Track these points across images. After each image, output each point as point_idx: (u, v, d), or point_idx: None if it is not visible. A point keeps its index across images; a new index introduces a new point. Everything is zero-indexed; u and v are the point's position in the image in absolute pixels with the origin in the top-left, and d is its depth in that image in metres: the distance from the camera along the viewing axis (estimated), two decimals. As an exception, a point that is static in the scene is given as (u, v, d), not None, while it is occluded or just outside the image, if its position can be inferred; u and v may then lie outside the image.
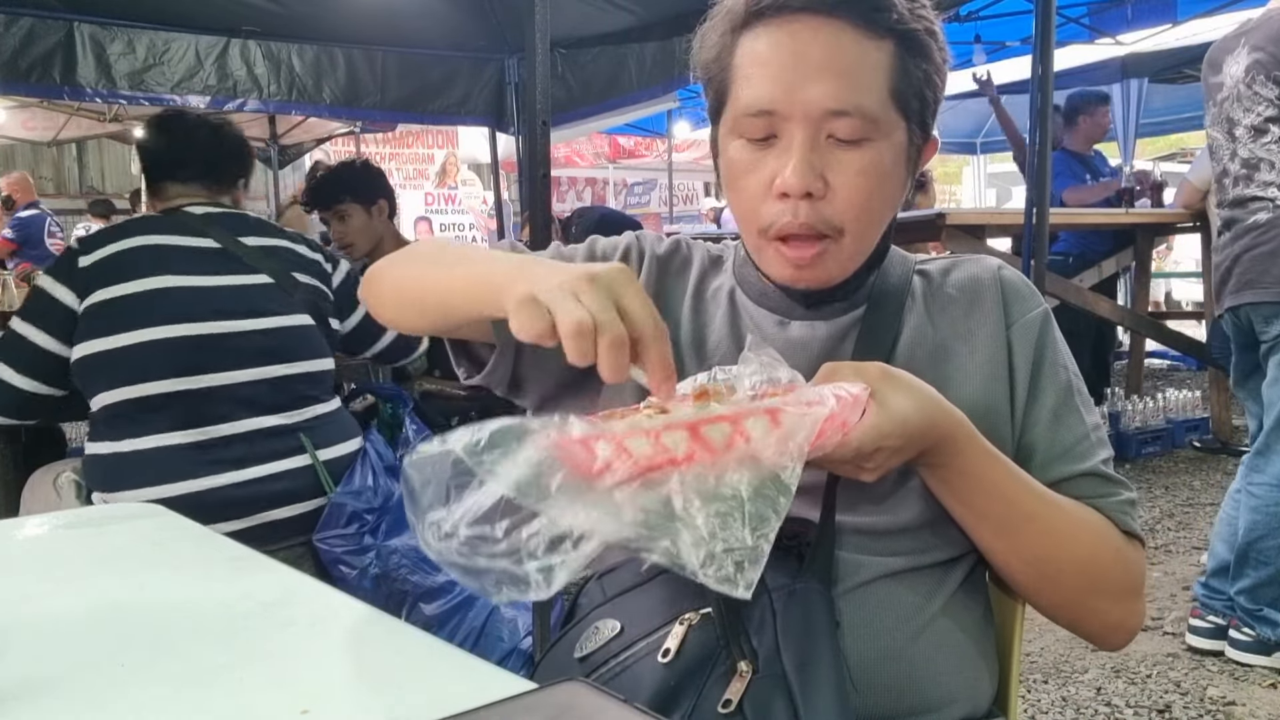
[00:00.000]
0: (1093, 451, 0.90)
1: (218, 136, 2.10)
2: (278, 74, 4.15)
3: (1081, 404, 0.92)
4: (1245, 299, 2.37)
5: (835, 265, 0.88)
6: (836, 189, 0.84)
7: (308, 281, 2.03)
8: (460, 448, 0.59)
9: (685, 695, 0.73)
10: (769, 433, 0.61)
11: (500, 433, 0.59)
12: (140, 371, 1.81)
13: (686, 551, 0.58)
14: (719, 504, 0.58)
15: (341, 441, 1.98)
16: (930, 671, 0.85)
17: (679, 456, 0.59)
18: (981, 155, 11.79)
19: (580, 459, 0.60)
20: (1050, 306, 0.98)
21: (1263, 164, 2.35)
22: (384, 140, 10.88)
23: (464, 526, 0.59)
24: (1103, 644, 0.94)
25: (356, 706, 0.62)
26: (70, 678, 0.66)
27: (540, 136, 1.93)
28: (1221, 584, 2.48)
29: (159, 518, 1.11)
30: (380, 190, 2.94)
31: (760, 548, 0.58)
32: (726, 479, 0.59)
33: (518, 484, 0.58)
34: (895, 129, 0.86)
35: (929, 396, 0.79)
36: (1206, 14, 5.89)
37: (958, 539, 0.89)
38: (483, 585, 0.59)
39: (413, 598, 1.94)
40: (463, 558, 0.59)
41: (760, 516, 0.59)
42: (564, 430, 0.60)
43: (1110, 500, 0.89)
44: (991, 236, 4.61)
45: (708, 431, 0.60)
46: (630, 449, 0.59)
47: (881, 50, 0.84)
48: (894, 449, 0.76)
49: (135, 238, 1.90)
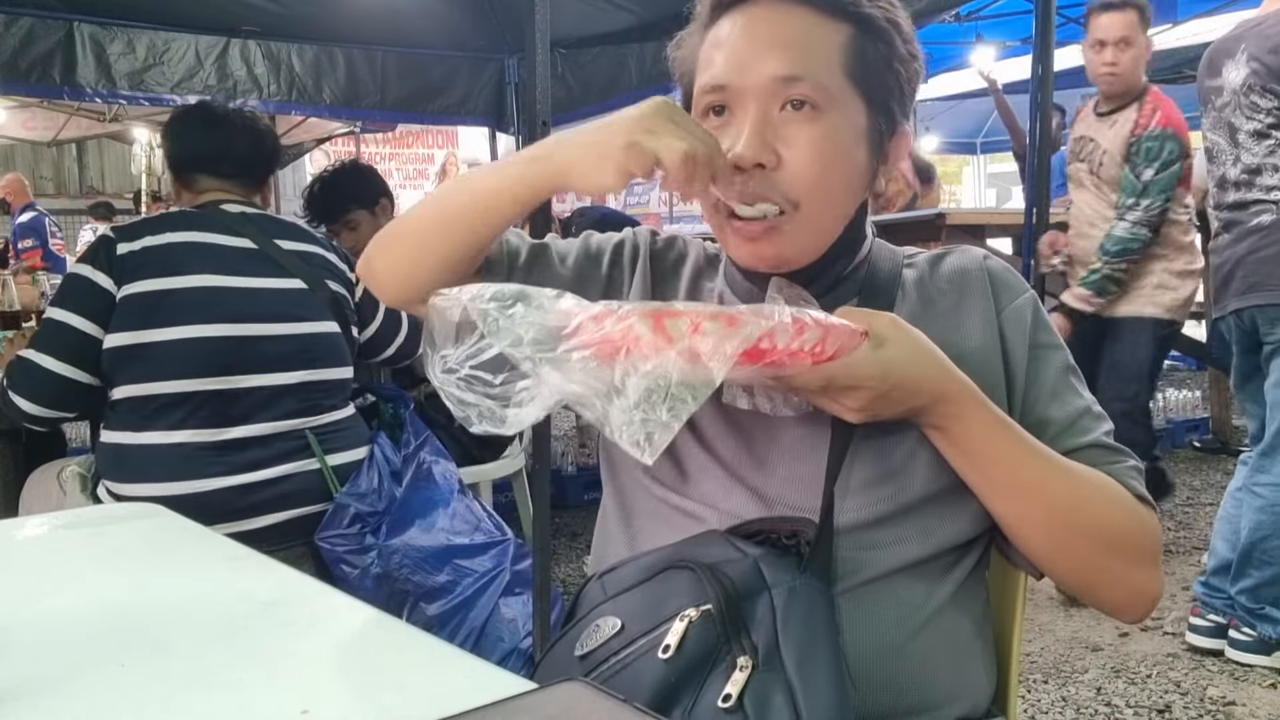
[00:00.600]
0: (1094, 424, 0.92)
1: (258, 134, 2.11)
2: (278, 74, 4.15)
3: (1076, 380, 0.94)
4: (1251, 301, 2.36)
5: (789, 243, 0.88)
6: (788, 160, 0.85)
7: (336, 289, 2.04)
8: (467, 298, 0.71)
9: (685, 691, 0.73)
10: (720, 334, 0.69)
11: (502, 292, 0.71)
12: (168, 368, 1.82)
13: (613, 415, 0.67)
14: (649, 382, 0.67)
15: (353, 448, 2.00)
16: (929, 670, 0.86)
17: (634, 338, 0.68)
18: (981, 155, 11.79)
19: (557, 321, 0.70)
20: (1050, 306, 0.98)
21: (1265, 169, 2.35)
22: (384, 140, 10.87)
23: (466, 366, 0.71)
24: (1123, 614, 0.93)
25: (356, 706, 0.62)
26: (70, 678, 0.66)
27: (540, 136, 1.93)
28: (1222, 583, 2.48)
29: (159, 518, 1.11)
30: (379, 189, 2.94)
31: (670, 424, 0.66)
32: (663, 364, 0.67)
33: (501, 334, 0.69)
34: (850, 106, 0.87)
35: (929, 353, 0.81)
36: (1206, 14, 5.90)
37: (961, 522, 0.89)
38: (466, 414, 0.71)
39: (414, 598, 1.94)
40: (458, 390, 0.71)
41: (679, 399, 0.67)
42: (555, 299, 0.71)
43: (1118, 467, 0.90)
44: (991, 236, 4.60)
45: (669, 323, 0.69)
46: (603, 323, 0.69)
47: (837, 31, 0.87)
48: (876, 393, 0.78)
49: (177, 232, 1.90)
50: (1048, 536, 0.88)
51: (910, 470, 0.87)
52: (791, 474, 0.89)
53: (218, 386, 1.83)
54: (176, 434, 1.81)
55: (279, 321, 1.91)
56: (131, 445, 1.82)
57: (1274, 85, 2.30)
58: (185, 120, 2.14)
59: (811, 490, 0.87)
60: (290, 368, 1.90)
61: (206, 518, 1.10)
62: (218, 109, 2.28)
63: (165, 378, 1.81)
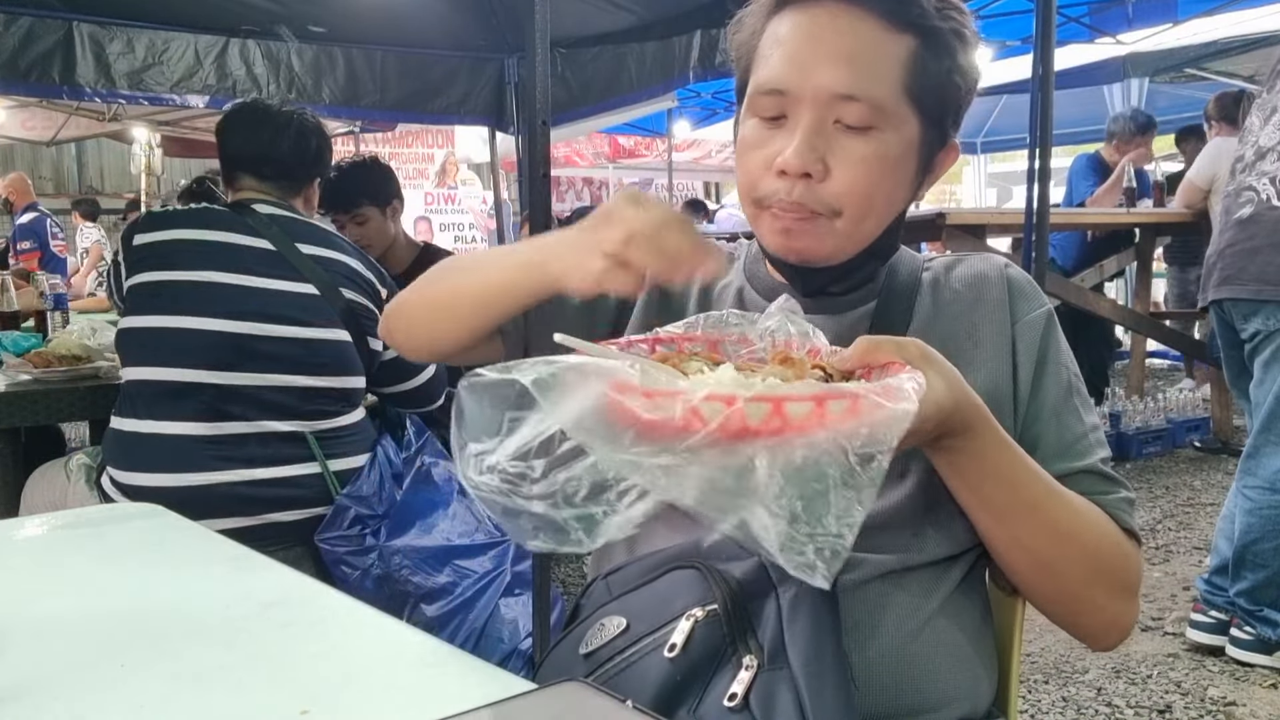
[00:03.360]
0: (1092, 450, 0.91)
1: (303, 136, 2.11)
2: (277, 73, 4.15)
3: (1081, 404, 0.93)
4: (1224, 294, 2.35)
5: (825, 241, 0.87)
6: (836, 174, 0.84)
7: (353, 297, 2.02)
8: (529, 380, 0.55)
9: (691, 691, 0.73)
10: (851, 419, 0.56)
11: (571, 369, 0.55)
12: (170, 355, 1.85)
13: (764, 529, 0.54)
14: (803, 485, 0.53)
15: (357, 453, 1.99)
16: (929, 671, 0.85)
17: (761, 428, 0.55)
18: (982, 155, 11.79)
19: (650, 412, 0.55)
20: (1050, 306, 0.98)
21: (1270, 153, 2.28)
22: (384, 140, 10.87)
23: (507, 462, 0.56)
24: (1096, 643, 0.93)
25: (356, 706, 0.62)
26: (70, 678, 0.66)
27: (540, 136, 1.93)
28: (1224, 580, 2.48)
29: (159, 518, 1.10)
30: (393, 191, 2.96)
31: (844, 537, 0.54)
32: (814, 459, 0.54)
33: (583, 428, 0.54)
34: (906, 123, 0.86)
35: (958, 380, 0.78)
36: (1207, 14, 5.90)
37: (955, 535, 0.89)
38: (518, 528, 0.56)
39: (414, 599, 1.94)
40: (501, 496, 0.57)
41: (845, 505, 0.54)
42: (635, 377, 0.56)
43: (1110, 498, 0.89)
44: (991, 236, 4.61)
45: (791, 409, 0.55)
46: (705, 414, 0.54)
47: (900, 44, 0.84)
48: (921, 432, 0.74)
49: (187, 229, 1.95)
50: (1034, 560, 0.87)
51: (910, 473, 0.87)
52: None
53: (215, 380, 1.85)
54: (177, 424, 1.83)
55: (281, 324, 1.91)
56: (135, 434, 1.85)
57: None
58: (233, 119, 2.17)
59: None
60: (292, 371, 1.90)
61: (206, 511, 1.11)
62: (264, 108, 2.27)
63: (165, 364, 1.85)
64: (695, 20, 3.76)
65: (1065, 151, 8.24)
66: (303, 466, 1.89)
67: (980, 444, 0.81)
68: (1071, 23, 6.10)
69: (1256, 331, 2.30)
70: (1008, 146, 11.18)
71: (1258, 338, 2.31)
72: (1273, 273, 2.22)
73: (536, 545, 0.57)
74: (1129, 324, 5.08)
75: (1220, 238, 2.39)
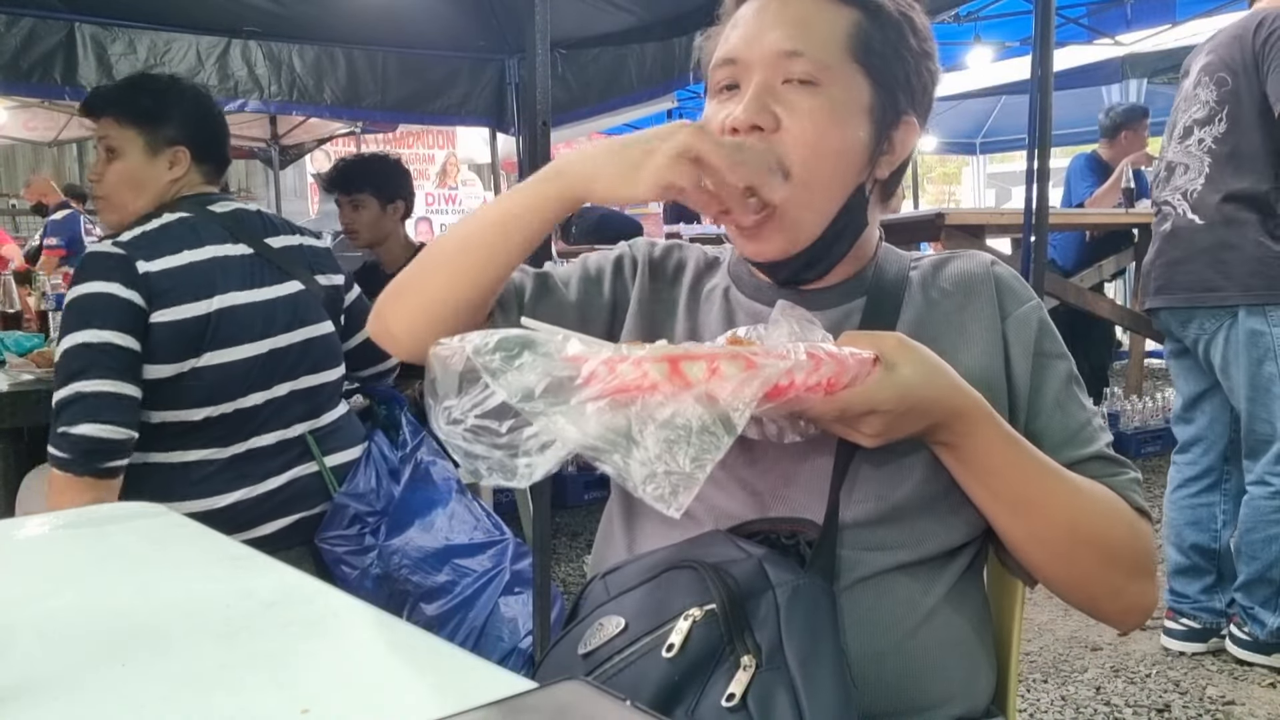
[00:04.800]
0: (1096, 436, 0.92)
1: (210, 107, 1.93)
2: (278, 74, 4.16)
3: (1079, 392, 0.94)
4: (1159, 303, 2.47)
5: (785, 229, 0.88)
6: (787, 126, 0.87)
7: (328, 282, 1.97)
8: (470, 347, 0.67)
9: (689, 690, 0.73)
10: (738, 376, 0.66)
11: (506, 339, 0.67)
12: (202, 394, 1.74)
13: (634, 468, 0.64)
14: (669, 431, 0.64)
15: (349, 447, 1.98)
16: (927, 669, 0.86)
17: (650, 384, 0.65)
18: (981, 155, 11.80)
19: (565, 371, 0.66)
20: (1049, 307, 0.98)
21: (1178, 167, 2.40)
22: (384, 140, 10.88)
23: (471, 416, 0.68)
24: (1119, 624, 0.95)
25: (356, 706, 0.62)
26: (70, 678, 0.66)
27: (540, 136, 1.93)
28: (1183, 586, 2.52)
29: (159, 518, 1.11)
30: (401, 191, 2.96)
31: (695, 475, 0.64)
32: (681, 411, 0.64)
33: (509, 386, 0.66)
34: (853, 83, 0.88)
35: (941, 371, 0.80)
36: (1206, 14, 5.90)
37: (952, 532, 0.89)
38: (475, 468, 0.68)
39: (414, 598, 1.94)
40: (465, 442, 0.68)
41: (702, 448, 0.64)
42: (561, 345, 0.67)
43: (1119, 479, 0.91)
44: (991, 236, 4.61)
45: (686, 367, 0.66)
46: (616, 370, 0.65)
47: (844, 14, 0.89)
48: (894, 415, 0.77)
49: (192, 250, 1.73)
50: (1050, 550, 0.88)
51: (907, 473, 0.87)
52: (788, 475, 0.89)
53: (239, 405, 1.77)
54: (193, 453, 1.76)
55: (288, 331, 1.84)
56: (148, 465, 1.74)
57: (1222, 73, 2.31)
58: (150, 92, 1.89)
59: (808, 491, 0.87)
60: (297, 375, 1.86)
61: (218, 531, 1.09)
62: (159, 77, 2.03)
63: (199, 404, 1.73)
64: (695, 20, 3.76)
65: (1064, 152, 8.23)
66: (302, 468, 1.88)
67: (980, 437, 0.82)
68: (1070, 23, 6.11)
69: (1196, 337, 2.42)
70: (1007, 147, 11.19)
71: (1199, 342, 2.41)
72: (1197, 282, 2.36)
73: (488, 481, 0.68)
74: (1128, 324, 5.08)
75: (1151, 249, 2.52)
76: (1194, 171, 2.36)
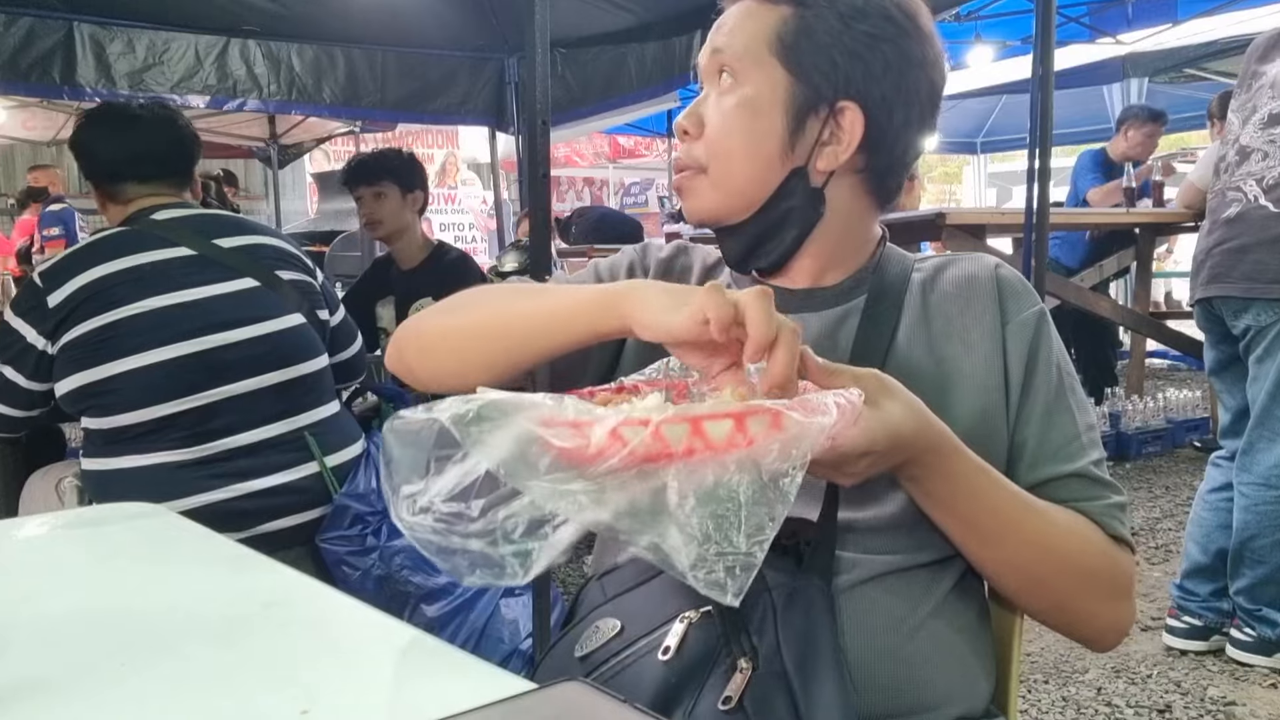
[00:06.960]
0: (1082, 452, 0.90)
1: (175, 128, 1.97)
2: (277, 73, 4.15)
3: (1075, 404, 0.91)
4: (1213, 292, 2.39)
5: (703, 197, 0.93)
6: (707, 128, 0.92)
7: (293, 278, 1.95)
8: (447, 418, 0.56)
9: (686, 693, 0.73)
10: (770, 435, 0.58)
11: (491, 406, 0.57)
12: (132, 398, 1.75)
13: (675, 549, 0.55)
14: (715, 505, 0.55)
15: (347, 445, 1.97)
16: (926, 670, 0.85)
17: (677, 450, 0.56)
18: (982, 155, 11.79)
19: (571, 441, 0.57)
20: (1050, 307, 0.98)
21: (1255, 153, 2.33)
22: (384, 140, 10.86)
23: (440, 502, 0.57)
24: (1094, 646, 0.94)
25: (356, 706, 0.62)
26: (70, 678, 0.66)
27: (540, 136, 1.93)
28: (1195, 585, 2.51)
29: (159, 518, 1.11)
30: (419, 182, 2.96)
31: (754, 555, 0.56)
32: (725, 479, 0.56)
33: (504, 460, 0.56)
34: (770, 76, 0.90)
35: (918, 408, 0.77)
36: (1206, 13, 5.91)
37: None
38: (455, 566, 0.58)
39: (415, 599, 1.94)
40: (436, 535, 0.58)
41: (756, 523, 0.56)
42: (557, 410, 0.57)
43: (1098, 504, 0.88)
44: (991, 236, 4.61)
45: (709, 427, 0.57)
46: (625, 437, 0.56)
47: (773, 13, 0.91)
48: (879, 455, 0.74)
49: (106, 264, 1.78)
50: (1021, 579, 0.87)
51: (894, 490, 0.86)
52: None
53: (189, 405, 1.77)
54: (158, 455, 1.77)
55: (237, 327, 1.83)
56: (114, 470, 1.78)
57: None
58: (94, 127, 1.96)
59: (807, 491, 0.87)
60: (262, 371, 1.84)
61: None
62: (128, 108, 2.13)
63: (131, 408, 1.75)
64: (695, 20, 3.76)
65: (1065, 151, 8.23)
66: (299, 469, 1.88)
67: (948, 471, 0.80)
68: (1071, 23, 6.11)
69: (1248, 328, 2.34)
70: (1007, 146, 11.19)
71: (1249, 334, 2.34)
72: (1261, 271, 2.27)
73: (473, 581, 0.58)
74: (1129, 324, 5.08)
75: (1208, 237, 2.43)
76: (1273, 159, 2.29)
